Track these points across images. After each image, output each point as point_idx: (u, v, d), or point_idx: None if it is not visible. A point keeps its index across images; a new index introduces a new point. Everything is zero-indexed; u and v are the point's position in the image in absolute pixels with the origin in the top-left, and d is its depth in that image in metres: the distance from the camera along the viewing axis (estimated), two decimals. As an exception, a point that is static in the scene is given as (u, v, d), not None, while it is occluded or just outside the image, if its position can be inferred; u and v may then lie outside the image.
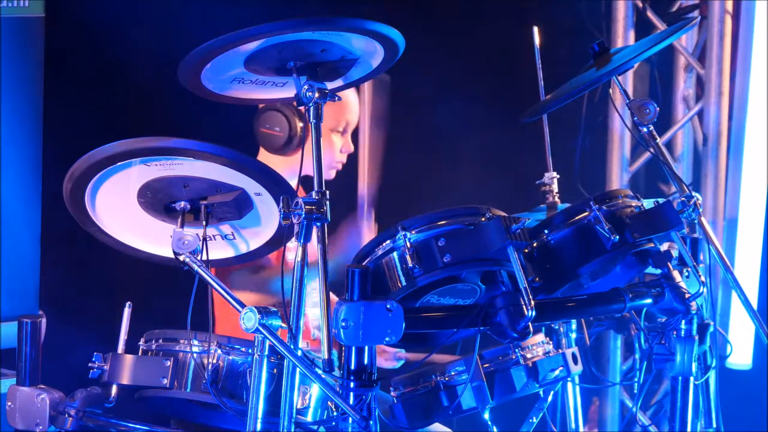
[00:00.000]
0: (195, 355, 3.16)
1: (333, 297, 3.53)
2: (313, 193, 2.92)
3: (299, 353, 2.89)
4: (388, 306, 2.85)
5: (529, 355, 3.32)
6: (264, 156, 3.90)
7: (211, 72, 3.10)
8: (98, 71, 4.64)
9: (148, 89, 4.61)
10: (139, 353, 3.23)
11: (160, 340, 3.22)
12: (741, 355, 4.95)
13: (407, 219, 3.03)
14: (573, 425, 3.56)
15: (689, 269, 3.25)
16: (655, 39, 3.98)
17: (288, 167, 3.78)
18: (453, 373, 3.27)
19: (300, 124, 3.84)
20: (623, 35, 5.06)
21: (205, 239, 3.10)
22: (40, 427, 3.18)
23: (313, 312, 3.73)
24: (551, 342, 3.45)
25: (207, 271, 3.04)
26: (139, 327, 3.27)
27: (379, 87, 4.00)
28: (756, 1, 4.94)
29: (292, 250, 3.00)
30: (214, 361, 3.15)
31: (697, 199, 3.32)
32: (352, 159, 4.05)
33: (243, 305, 2.93)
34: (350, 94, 4.01)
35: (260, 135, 3.88)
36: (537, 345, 3.37)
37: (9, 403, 3.23)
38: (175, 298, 3.30)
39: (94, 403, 3.18)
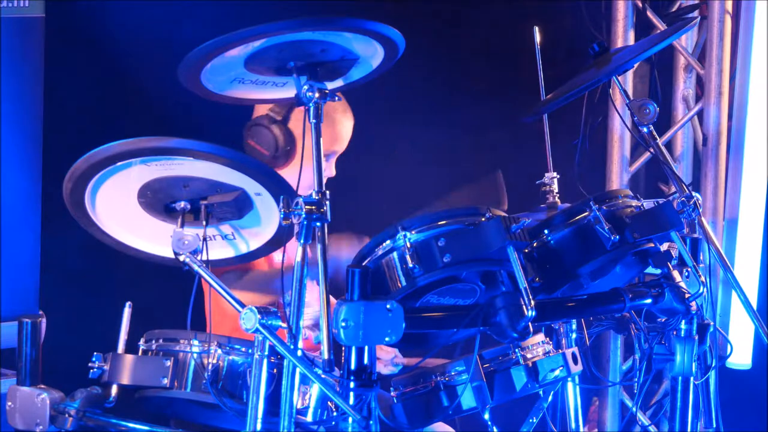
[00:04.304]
0: (195, 355, 3.16)
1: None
2: (313, 193, 2.92)
3: (299, 353, 2.89)
4: (388, 306, 2.86)
5: (529, 355, 3.32)
6: None
7: (211, 72, 3.10)
8: (98, 71, 4.65)
9: (148, 89, 4.61)
10: (139, 353, 3.23)
11: (160, 340, 3.22)
12: (741, 355, 4.94)
13: (407, 219, 3.03)
14: (573, 425, 3.56)
15: (689, 269, 3.26)
16: (655, 39, 3.99)
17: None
18: (453, 373, 3.27)
19: (287, 147, 3.86)
20: (623, 35, 5.06)
21: (205, 239, 3.10)
22: (41, 427, 3.18)
23: (306, 312, 3.72)
24: (551, 342, 3.45)
25: (207, 271, 3.05)
26: (139, 327, 3.27)
27: None
28: (756, 1, 4.93)
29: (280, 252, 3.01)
30: (214, 361, 3.15)
31: (697, 199, 3.32)
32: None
33: (243, 305, 2.93)
34: (346, 125, 4.00)
35: (247, 147, 3.91)
36: (537, 345, 3.37)
37: (9, 403, 3.23)
38: (175, 298, 3.30)
39: (94, 403, 3.18)
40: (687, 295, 3.25)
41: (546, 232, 3.15)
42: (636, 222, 3.17)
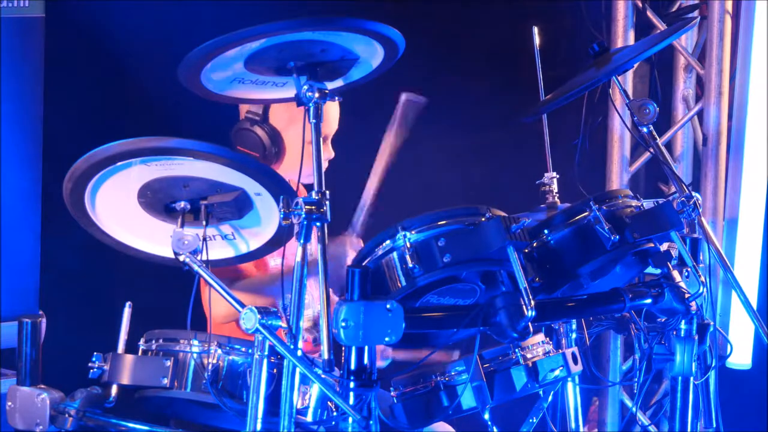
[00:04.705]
0: (195, 355, 3.16)
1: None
2: (313, 193, 2.93)
3: (299, 353, 2.89)
4: (388, 306, 2.86)
5: (529, 355, 3.32)
6: None
7: (211, 72, 3.10)
8: (98, 71, 4.65)
9: (148, 89, 4.61)
10: (139, 353, 3.23)
11: (160, 340, 3.22)
12: (741, 355, 4.95)
13: (407, 219, 3.03)
14: (573, 425, 3.56)
15: (689, 269, 3.25)
16: (655, 39, 3.99)
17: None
18: (453, 373, 3.27)
19: (273, 144, 3.87)
20: (623, 35, 5.06)
21: (205, 239, 3.10)
22: (41, 427, 3.18)
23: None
24: (551, 342, 3.44)
25: (207, 271, 3.04)
26: (139, 327, 3.27)
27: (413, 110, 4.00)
28: (756, 1, 4.93)
29: (275, 256, 3.00)
30: (214, 361, 3.15)
31: (697, 199, 3.32)
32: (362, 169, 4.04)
33: (243, 305, 2.93)
34: (331, 106, 3.99)
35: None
36: (537, 345, 3.37)
37: (9, 403, 3.23)
38: (175, 298, 3.30)
39: (94, 403, 3.18)
40: (687, 295, 3.25)
41: (546, 232, 3.15)
42: (636, 222, 3.17)
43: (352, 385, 2.88)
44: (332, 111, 4.00)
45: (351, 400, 2.89)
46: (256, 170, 3.07)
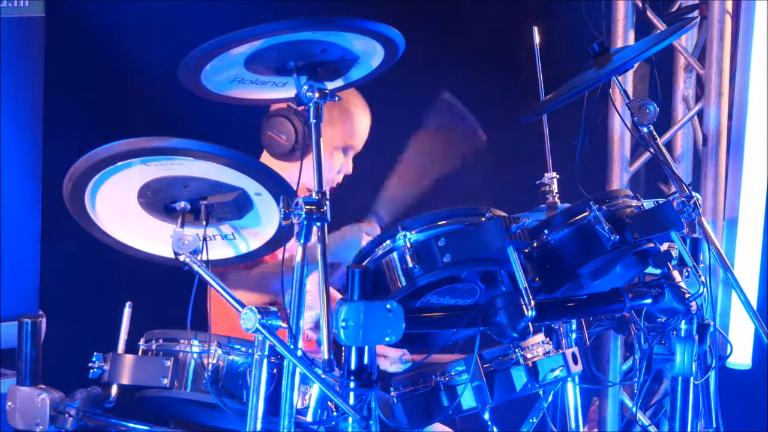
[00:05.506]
0: (195, 355, 3.16)
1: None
2: (313, 193, 2.93)
3: (299, 353, 2.89)
4: (388, 306, 2.86)
5: (529, 355, 3.32)
6: (267, 160, 3.88)
7: (211, 72, 3.10)
8: (98, 71, 4.65)
9: (148, 89, 4.61)
10: (139, 353, 3.23)
11: (160, 340, 3.22)
12: (741, 355, 4.95)
13: (407, 219, 3.04)
14: (573, 425, 3.56)
15: (689, 269, 3.26)
16: (655, 39, 3.99)
17: (290, 173, 3.75)
18: (453, 373, 3.27)
19: (307, 138, 3.82)
20: (623, 35, 5.06)
21: (205, 239, 3.10)
22: (41, 427, 3.18)
23: (307, 315, 3.72)
24: (551, 342, 3.45)
25: (207, 271, 3.05)
26: (139, 327, 3.27)
27: None
28: (756, 1, 4.93)
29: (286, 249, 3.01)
30: (214, 361, 3.15)
31: (697, 199, 3.32)
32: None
33: (243, 305, 2.93)
34: (363, 121, 3.98)
35: (266, 138, 3.86)
36: (537, 345, 3.37)
37: (9, 403, 3.23)
38: (175, 298, 3.30)
39: (94, 403, 3.19)
40: (687, 295, 3.25)
41: (546, 232, 3.15)
42: (636, 222, 3.17)
43: (352, 385, 2.88)
44: (362, 125, 3.98)
45: (351, 400, 2.89)
46: (256, 170, 3.07)
